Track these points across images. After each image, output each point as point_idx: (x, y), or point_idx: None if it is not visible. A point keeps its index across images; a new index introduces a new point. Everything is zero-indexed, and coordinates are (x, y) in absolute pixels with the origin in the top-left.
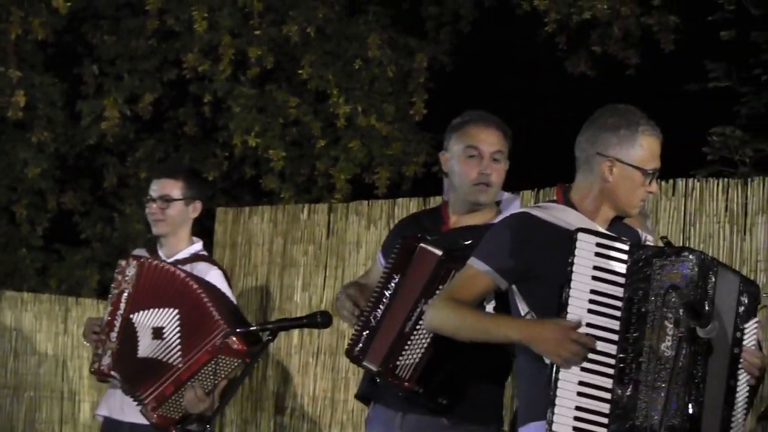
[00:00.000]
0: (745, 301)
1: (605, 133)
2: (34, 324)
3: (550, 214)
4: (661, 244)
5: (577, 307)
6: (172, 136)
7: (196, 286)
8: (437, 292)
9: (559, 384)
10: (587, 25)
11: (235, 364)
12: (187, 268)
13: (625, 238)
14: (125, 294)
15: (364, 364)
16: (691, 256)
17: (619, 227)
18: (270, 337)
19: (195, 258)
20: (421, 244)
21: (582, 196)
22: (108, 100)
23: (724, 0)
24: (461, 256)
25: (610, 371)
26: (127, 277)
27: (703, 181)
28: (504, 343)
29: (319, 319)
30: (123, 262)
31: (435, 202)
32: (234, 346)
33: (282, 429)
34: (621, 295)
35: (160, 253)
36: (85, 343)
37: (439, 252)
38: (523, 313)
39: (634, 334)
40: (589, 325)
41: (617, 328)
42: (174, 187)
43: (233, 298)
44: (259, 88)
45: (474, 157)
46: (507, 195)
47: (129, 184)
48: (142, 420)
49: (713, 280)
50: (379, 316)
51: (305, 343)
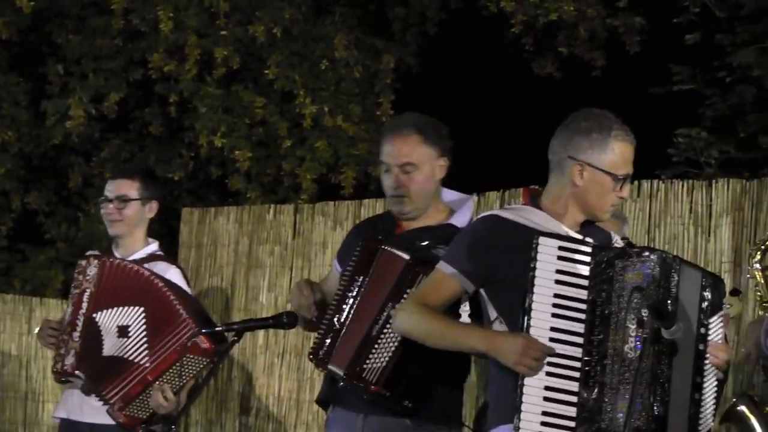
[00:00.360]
0: (708, 295)
1: (578, 136)
2: None
3: (519, 215)
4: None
5: (541, 312)
6: (137, 136)
7: (161, 285)
8: (405, 296)
9: (525, 389)
10: (554, 26)
11: (203, 364)
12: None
13: (588, 240)
14: (87, 293)
15: (330, 367)
16: (652, 256)
17: (590, 230)
18: (235, 338)
19: (153, 258)
20: (385, 246)
21: (553, 199)
22: (73, 100)
23: (689, 2)
24: (428, 259)
25: (576, 374)
26: (88, 277)
27: (668, 182)
28: (471, 352)
29: (284, 320)
30: (83, 262)
31: None
32: (203, 345)
33: (247, 429)
34: (585, 297)
35: (116, 253)
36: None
37: (406, 256)
38: (492, 318)
39: (599, 337)
40: (553, 329)
41: (582, 331)
42: (131, 188)
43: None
44: (225, 89)
45: (388, 171)
46: (459, 195)
47: (94, 184)
48: (102, 420)
49: (676, 278)
50: (343, 318)
51: (271, 344)
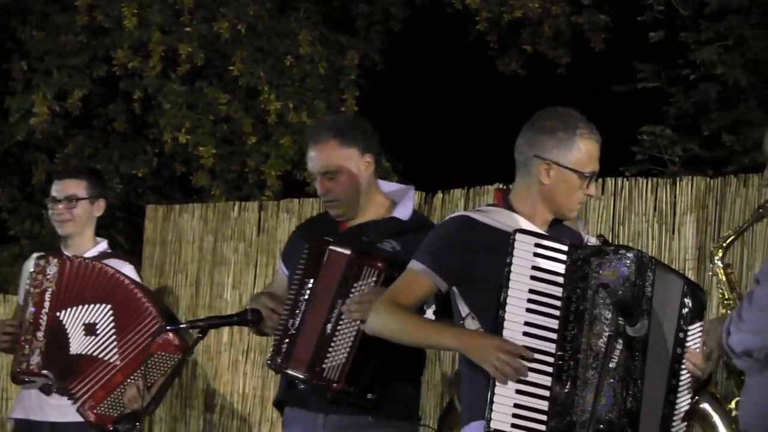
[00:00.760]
0: (689, 303)
1: (543, 135)
2: None
3: (490, 217)
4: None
5: (516, 306)
6: (101, 132)
7: (127, 282)
8: (352, 291)
9: (498, 383)
10: (518, 23)
11: (175, 360)
12: None
13: (564, 239)
14: (48, 292)
15: (289, 372)
16: (629, 254)
17: (559, 229)
18: (200, 335)
19: (105, 256)
20: (330, 246)
21: (520, 199)
22: (37, 96)
23: (654, 0)
24: (371, 252)
25: (549, 369)
26: (48, 276)
27: (633, 180)
28: (443, 349)
29: (249, 317)
30: (42, 262)
31: None
32: (174, 341)
33: (211, 427)
34: (560, 294)
35: (67, 254)
36: None
37: (348, 251)
38: (464, 315)
39: (572, 332)
40: (527, 324)
41: (555, 327)
42: (79, 187)
43: None
44: (189, 85)
45: (315, 178)
46: (398, 186)
47: None
48: (63, 418)
49: (651, 277)
50: (297, 322)
51: (235, 341)
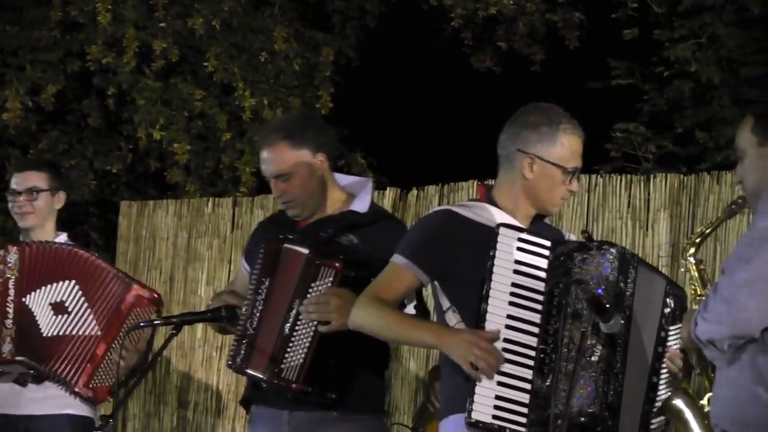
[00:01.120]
0: (672, 303)
1: (526, 130)
2: None
3: (473, 211)
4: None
5: (498, 299)
6: (75, 128)
7: (86, 255)
8: (310, 290)
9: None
10: (493, 20)
11: (153, 315)
12: None
13: (547, 235)
14: (12, 280)
15: (249, 372)
16: (612, 250)
17: (541, 225)
18: (174, 331)
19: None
20: (286, 245)
21: (503, 194)
22: (10, 92)
23: None
24: (328, 251)
25: (530, 362)
26: (9, 264)
27: (606, 176)
28: (422, 346)
29: (223, 313)
30: (1, 252)
31: None
32: (145, 295)
33: (185, 423)
34: (542, 289)
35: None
36: None
37: (305, 250)
38: (445, 308)
39: (555, 326)
40: (509, 317)
41: (538, 320)
42: (39, 179)
43: None
44: (163, 81)
45: (270, 180)
46: (355, 179)
47: None
48: (40, 411)
49: (633, 274)
50: (255, 322)
51: (209, 337)
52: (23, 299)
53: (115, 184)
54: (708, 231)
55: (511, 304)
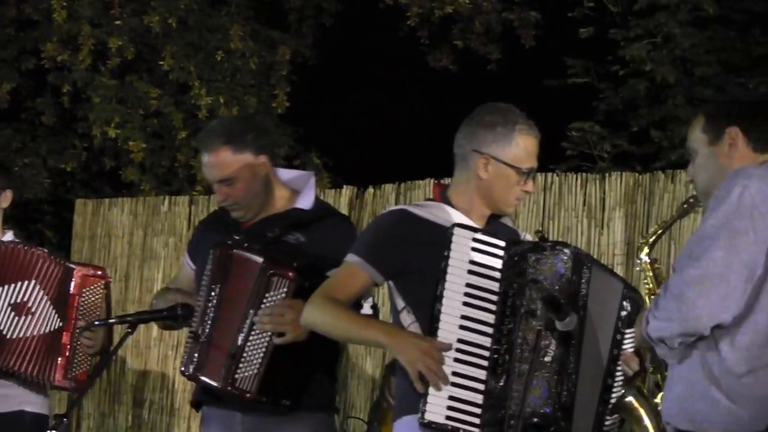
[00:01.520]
0: (628, 307)
1: (482, 130)
2: None
3: (428, 211)
4: (536, 238)
5: (452, 300)
6: (29, 126)
7: (39, 252)
8: (264, 301)
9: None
10: (449, 19)
11: (101, 288)
12: None
13: (501, 235)
14: None
15: (203, 379)
16: (565, 250)
17: (497, 225)
18: (129, 330)
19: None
20: (236, 251)
21: (458, 193)
22: None
23: None
24: (278, 254)
25: (484, 363)
26: None
27: (562, 175)
28: (374, 345)
29: (179, 312)
30: None
31: None
32: (90, 273)
33: (140, 422)
34: (496, 289)
35: None
36: None
37: (259, 259)
38: (399, 308)
39: (509, 326)
40: (463, 317)
41: (492, 321)
42: None
43: None
44: (119, 79)
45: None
46: (297, 173)
47: None
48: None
49: (588, 275)
50: (207, 329)
51: (164, 336)
52: None
53: (69, 182)
54: (661, 230)
55: (465, 304)
